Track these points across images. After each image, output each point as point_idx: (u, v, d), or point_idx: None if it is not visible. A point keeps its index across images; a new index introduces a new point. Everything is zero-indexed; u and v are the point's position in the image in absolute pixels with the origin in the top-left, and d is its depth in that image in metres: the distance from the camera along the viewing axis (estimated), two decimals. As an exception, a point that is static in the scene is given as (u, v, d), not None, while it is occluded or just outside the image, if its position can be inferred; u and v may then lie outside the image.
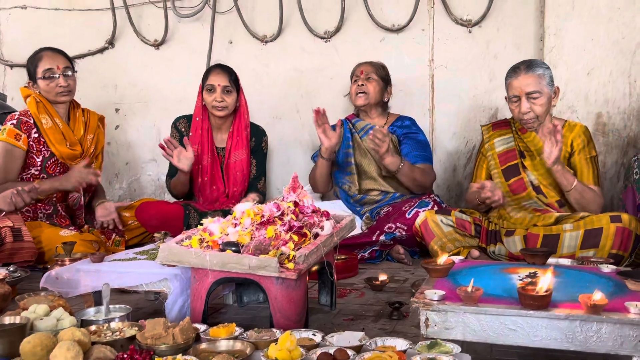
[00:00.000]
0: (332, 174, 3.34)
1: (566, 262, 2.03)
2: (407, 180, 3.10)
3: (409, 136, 3.21)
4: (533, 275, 1.76)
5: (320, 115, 3.06)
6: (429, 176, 3.16)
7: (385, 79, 3.27)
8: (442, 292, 1.56)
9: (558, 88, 2.79)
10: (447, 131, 3.61)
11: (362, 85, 3.20)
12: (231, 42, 3.90)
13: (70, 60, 3.11)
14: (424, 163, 3.16)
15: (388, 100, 3.33)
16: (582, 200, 2.65)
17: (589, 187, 2.69)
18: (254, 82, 3.80)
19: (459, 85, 3.54)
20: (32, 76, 3.04)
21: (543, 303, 1.46)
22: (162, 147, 3.06)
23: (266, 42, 3.83)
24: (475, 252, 2.62)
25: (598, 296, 1.44)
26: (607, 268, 1.85)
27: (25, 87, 3.10)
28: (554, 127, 2.55)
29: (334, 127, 3.15)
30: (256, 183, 3.37)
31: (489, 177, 2.89)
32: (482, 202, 2.75)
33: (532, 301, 1.46)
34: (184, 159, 3.06)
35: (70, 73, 3.04)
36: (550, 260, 1.97)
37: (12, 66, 4.25)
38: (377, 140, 2.94)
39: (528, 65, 2.71)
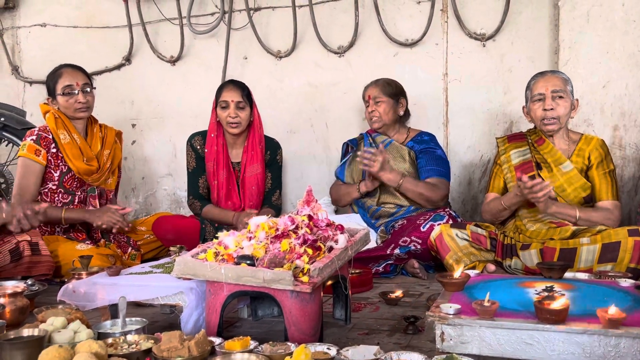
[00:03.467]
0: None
1: (583, 276, 2.01)
2: (413, 196, 3.09)
3: (425, 150, 3.21)
4: (550, 290, 1.75)
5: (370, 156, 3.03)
6: (438, 190, 3.10)
7: (394, 95, 3.25)
8: (458, 306, 1.55)
9: (577, 101, 2.80)
10: (461, 145, 3.61)
11: (373, 111, 3.22)
12: (246, 58, 3.94)
13: (89, 77, 3.17)
14: (436, 177, 3.14)
15: (404, 113, 3.32)
16: (593, 224, 2.63)
17: (595, 210, 2.68)
18: (269, 97, 3.84)
19: (473, 99, 3.54)
20: (51, 92, 3.09)
21: (560, 317, 1.45)
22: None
23: (280, 57, 3.86)
24: (491, 267, 2.60)
25: (616, 310, 1.42)
26: (625, 282, 1.83)
27: (44, 103, 3.15)
28: (522, 182, 2.53)
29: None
30: (270, 196, 3.38)
31: (506, 188, 2.88)
32: (506, 208, 2.74)
33: (549, 315, 1.45)
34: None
35: (89, 89, 3.09)
36: (567, 274, 1.95)
37: (31, 83, 4.33)
38: (366, 161, 2.96)
39: (554, 70, 2.84)
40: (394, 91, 3.25)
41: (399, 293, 2.36)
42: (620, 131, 3.21)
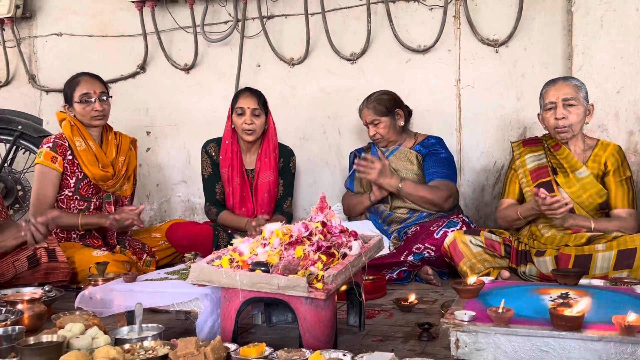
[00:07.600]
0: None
1: (599, 282, 2.00)
2: (415, 200, 3.09)
3: (430, 153, 3.21)
4: (565, 296, 1.74)
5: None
6: (439, 192, 3.07)
7: (389, 111, 3.20)
8: (473, 313, 1.55)
9: (593, 106, 2.79)
10: (475, 151, 3.60)
11: (375, 134, 3.22)
12: (259, 66, 3.97)
13: (106, 85, 3.21)
14: (439, 179, 3.12)
15: (404, 123, 3.28)
16: (609, 232, 2.61)
17: (609, 220, 2.66)
18: (282, 104, 3.85)
19: (487, 105, 3.54)
20: (68, 100, 3.14)
21: (576, 324, 1.44)
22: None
23: (293, 64, 3.88)
24: (506, 273, 2.59)
25: (633, 317, 1.41)
26: (642, 289, 1.82)
27: (61, 111, 3.19)
28: (539, 197, 2.51)
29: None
30: (282, 203, 3.40)
31: (521, 193, 2.86)
32: (521, 218, 2.73)
33: (564, 322, 1.44)
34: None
35: (105, 98, 3.13)
36: (583, 281, 1.94)
37: (47, 91, 4.38)
38: (362, 168, 2.96)
39: (565, 77, 2.83)
40: (388, 108, 3.20)
41: (412, 299, 2.36)
42: (635, 136, 3.18)
